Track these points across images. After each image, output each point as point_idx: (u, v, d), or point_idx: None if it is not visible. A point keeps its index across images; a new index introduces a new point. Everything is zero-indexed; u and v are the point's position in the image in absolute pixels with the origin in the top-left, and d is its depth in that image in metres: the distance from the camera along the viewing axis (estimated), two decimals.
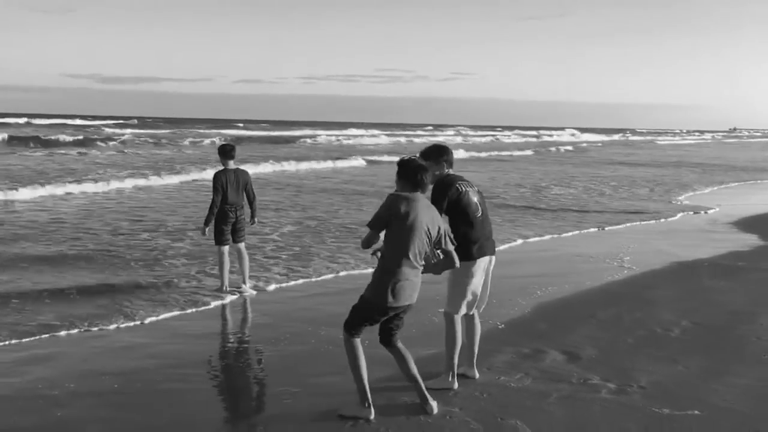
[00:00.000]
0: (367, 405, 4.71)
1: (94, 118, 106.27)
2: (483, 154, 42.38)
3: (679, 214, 16.13)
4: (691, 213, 16.47)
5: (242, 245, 8.49)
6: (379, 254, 4.70)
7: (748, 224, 14.39)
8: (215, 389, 5.61)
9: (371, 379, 5.27)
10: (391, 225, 4.49)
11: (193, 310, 7.54)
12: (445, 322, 5.33)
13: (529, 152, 47.99)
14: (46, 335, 6.48)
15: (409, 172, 4.58)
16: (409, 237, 4.47)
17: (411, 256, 4.50)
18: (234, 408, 5.26)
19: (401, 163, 4.65)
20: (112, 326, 6.82)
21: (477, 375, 5.54)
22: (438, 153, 5.33)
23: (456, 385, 5.32)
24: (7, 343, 6.23)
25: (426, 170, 4.62)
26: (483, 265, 5.23)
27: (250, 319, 7.55)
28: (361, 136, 65.05)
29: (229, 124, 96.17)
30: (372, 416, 4.68)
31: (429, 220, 4.56)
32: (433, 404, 4.81)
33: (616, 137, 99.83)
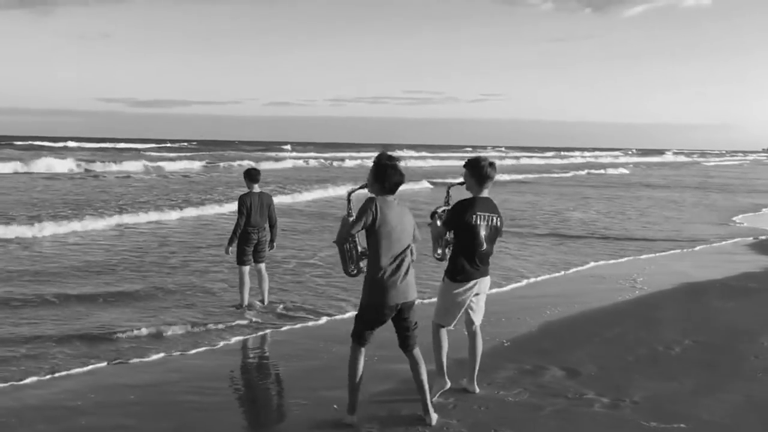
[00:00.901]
0: (352, 412, 5.07)
1: (137, 141, 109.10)
2: (532, 176, 42.61)
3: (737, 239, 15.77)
4: (751, 239, 15.92)
5: (263, 266, 8.88)
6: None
7: (759, 247, 14.43)
8: (229, 400, 5.92)
9: (374, 392, 5.63)
10: (368, 231, 4.82)
11: (221, 341, 7.84)
12: (432, 330, 5.67)
13: (581, 173, 48.56)
14: (80, 369, 6.49)
15: (381, 174, 4.83)
16: (386, 240, 4.80)
17: (390, 256, 4.82)
18: (244, 417, 5.59)
19: (377, 163, 4.86)
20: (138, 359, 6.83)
21: (477, 390, 5.81)
22: (471, 166, 5.52)
23: (449, 384, 5.64)
24: (48, 377, 6.23)
25: (398, 173, 4.84)
26: (469, 287, 5.50)
27: (269, 336, 7.85)
28: (408, 158, 65.60)
29: (277, 147, 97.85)
30: (355, 421, 5.06)
31: (399, 220, 4.87)
32: (434, 416, 5.11)
33: (655, 158, 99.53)
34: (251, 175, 8.72)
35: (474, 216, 5.40)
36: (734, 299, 9.37)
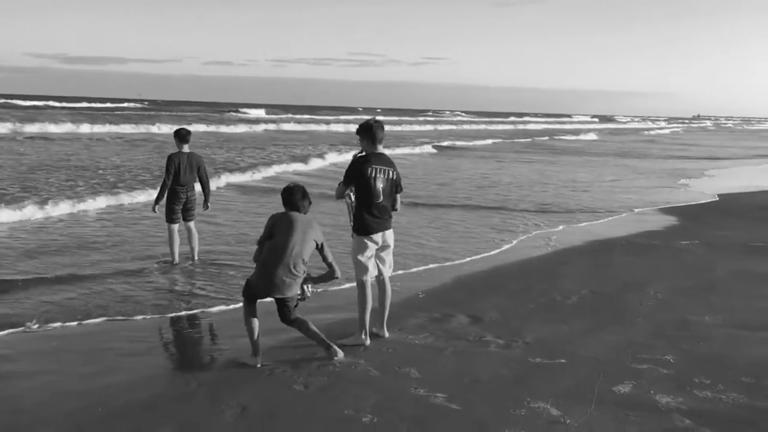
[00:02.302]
0: (255, 354, 5.65)
1: (72, 99, 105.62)
2: (522, 140, 43.39)
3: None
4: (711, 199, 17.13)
5: (192, 224, 9.19)
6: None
7: (672, 210, 15.38)
8: (155, 347, 6.28)
9: (290, 338, 6.12)
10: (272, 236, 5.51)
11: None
12: (357, 287, 6.14)
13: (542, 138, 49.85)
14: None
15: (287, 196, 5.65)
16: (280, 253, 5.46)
17: (282, 265, 5.45)
18: (166, 360, 6.01)
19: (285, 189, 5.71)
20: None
21: (387, 334, 6.34)
22: (363, 129, 6.05)
23: (368, 342, 6.12)
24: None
25: (301, 193, 5.62)
26: (376, 239, 6.01)
27: (199, 291, 8.13)
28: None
29: (234, 107, 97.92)
30: (259, 364, 5.57)
31: (300, 239, 5.48)
32: (337, 349, 5.67)
33: (612, 125, 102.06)
34: (181, 135, 8.96)
35: (370, 169, 5.91)
36: (635, 255, 10.16)
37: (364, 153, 6.09)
